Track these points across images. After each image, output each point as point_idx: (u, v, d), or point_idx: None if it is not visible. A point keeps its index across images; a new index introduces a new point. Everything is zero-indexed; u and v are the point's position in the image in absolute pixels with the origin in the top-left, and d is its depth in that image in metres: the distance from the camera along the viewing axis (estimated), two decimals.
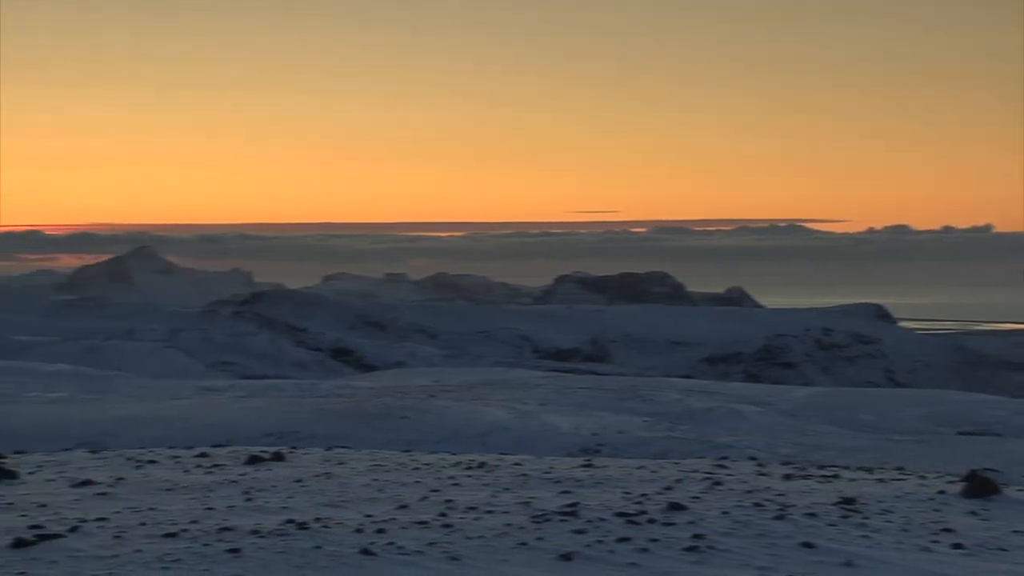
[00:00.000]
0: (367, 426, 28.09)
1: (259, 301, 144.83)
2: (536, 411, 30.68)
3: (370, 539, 7.92)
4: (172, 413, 30.31)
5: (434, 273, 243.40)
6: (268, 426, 28.05)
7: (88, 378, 44.82)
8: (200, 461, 12.15)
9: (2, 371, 43.79)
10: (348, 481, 10.67)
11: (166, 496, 9.64)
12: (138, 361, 78.63)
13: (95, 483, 10.21)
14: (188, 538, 7.80)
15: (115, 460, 12.22)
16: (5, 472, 10.42)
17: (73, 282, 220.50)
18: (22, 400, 32.73)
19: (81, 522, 8.19)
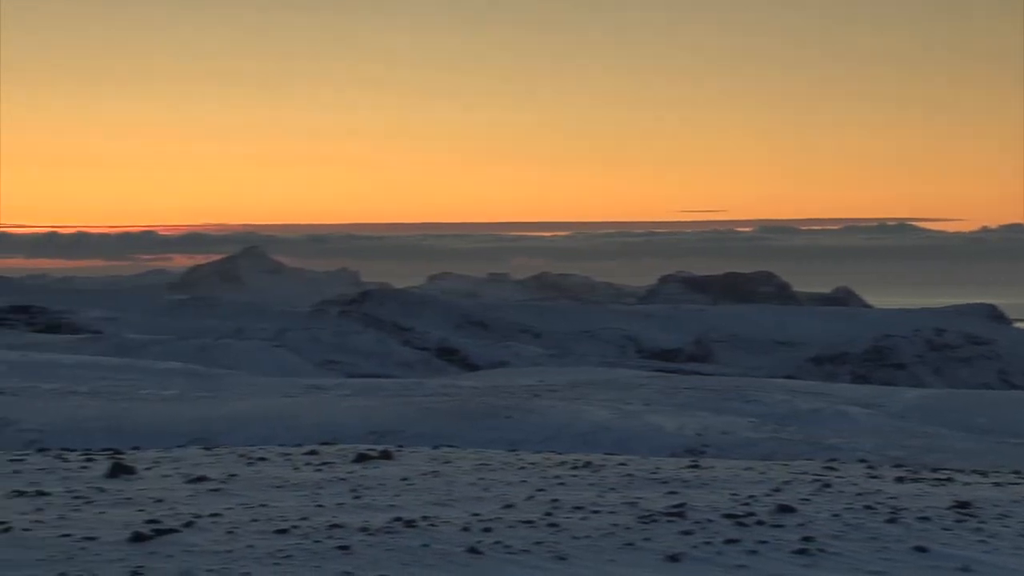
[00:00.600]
0: (471, 425, 28.22)
1: (365, 300, 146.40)
2: (640, 411, 30.55)
3: (477, 537, 7.95)
4: (281, 411, 30.77)
5: (538, 273, 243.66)
6: (374, 424, 28.33)
7: (200, 376, 45.70)
8: (309, 459, 12.32)
9: (118, 369, 44.85)
10: (454, 480, 10.72)
11: (277, 493, 9.78)
12: (247, 360, 79.95)
13: (208, 479, 10.40)
14: (299, 535, 7.91)
15: (227, 457, 12.44)
16: (123, 468, 10.67)
17: (185, 282, 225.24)
18: (137, 397, 33.48)
19: (196, 517, 8.35)
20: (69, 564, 6.96)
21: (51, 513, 8.44)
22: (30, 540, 7.46)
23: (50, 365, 43.76)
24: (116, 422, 28.40)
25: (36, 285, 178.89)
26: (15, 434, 26.02)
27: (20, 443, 23.73)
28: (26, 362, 43.54)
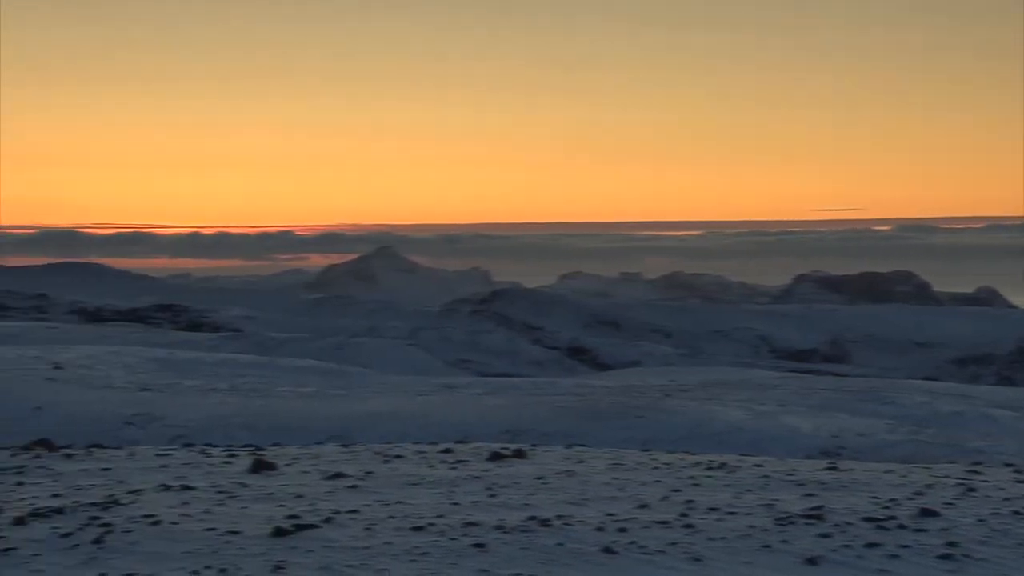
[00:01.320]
0: (603, 425, 28.15)
1: (497, 300, 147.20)
2: (774, 412, 30.12)
3: (612, 537, 7.93)
4: (414, 409, 31.10)
5: (669, 272, 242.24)
6: (506, 423, 28.43)
7: (335, 374, 46.44)
8: (444, 457, 12.42)
9: (257, 367, 45.84)
10: (588, 479, 10.71)
11: (413, 490, 9.89)
12: (381, 358, 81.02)
13: (346, 476, 10.56)
14: (435, 532, 7.98)
15: (364, 454, 12.62)
16: (265, 464, 10.90)
17: (321, 281, 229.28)
18: (275, 395, 34.17)
19: (335, 513, 8.48)
20: (214, 557, 7.13)
21: (197, 507, 8.66)
22: (178, 533, 7.67)
23: (193, 363, 44.93)
24: (255, 419, 29.03)
25: (179, 284, 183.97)
26: (161, 429, 26.79)
27: (166, 438, 24.44)
28: (170, 360, 44.78)
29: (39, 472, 10.55)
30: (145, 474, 10.57)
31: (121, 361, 42.44)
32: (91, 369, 38.54)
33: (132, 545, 7.31)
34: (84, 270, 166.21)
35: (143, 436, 25.20)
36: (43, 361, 38.98)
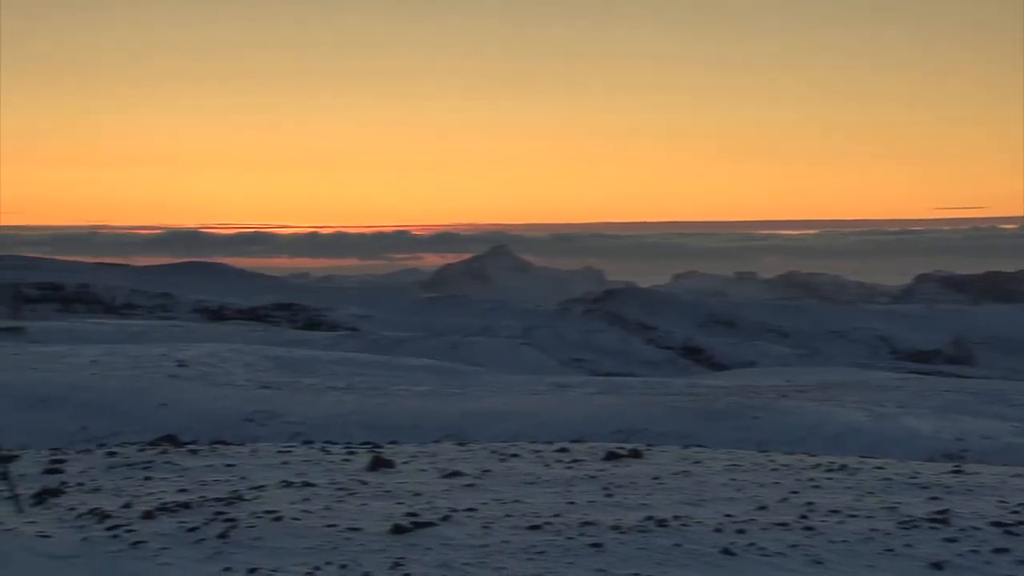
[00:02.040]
0: (718, 425, 27.90)
1: (610, 299, 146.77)
2: (894, 413, 29.53)
3: (730, 539, 7.85)
4: (528, 408, 31.16)
5: (785, 272, 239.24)
6: (619, 423, 28.34)
7: (450, 373, 46.79)
8: (560, 456, 12.42)
9: (373, 365, 46.41)
10: (705, 480, 10.62)
11: (529, 489, 9.90)
12: (495, 357, 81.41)
13: (463, 474, 10.62)
14: (552, 531, 7.98)
15: (480, 453, 12.67)
16: (383, 461, 11.01)
17: (436, 280, 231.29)
18: (391, 393, 34.54)
19: (452, 511, 8.53)
20: (335, 553, 7.23)
21: (317, 504, 8.79)
22: (299, 529, 7.79)
23: (310, 361, 45.65)
24: (372, 417, 29.37)
25: (298, 284, 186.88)
26: (281, 426, 27.26)
27: (286, 435, 24.87)
28: (289, 358, 45.54)
29: (166, 467, 10.81)
30: (267, 470, 10.76)
31: (241, 359, 43.27)
32: (213, 367, 39.37)
33: (255, 540, 7.45)
34: (207, 269, 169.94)
35: (263, 433, 25.68)
36: (168, 359, 39.94)
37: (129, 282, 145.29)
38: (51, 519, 8.00)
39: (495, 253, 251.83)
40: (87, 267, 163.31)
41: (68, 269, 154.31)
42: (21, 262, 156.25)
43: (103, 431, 25.86)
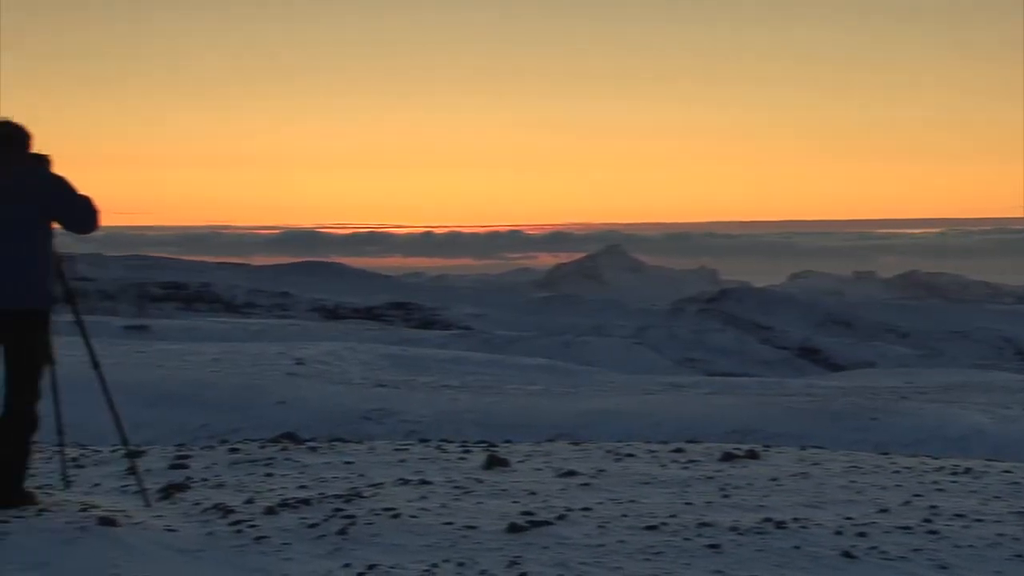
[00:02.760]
0: (835, 426, 27.50)
1: (725, 299, 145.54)
2: (1020, 416, 28.79)
3: (851, 542, 7.73)
4: (642, 408, 31.05)
5: (906, 271, 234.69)
6: (734, 423, 28.09)
7: (562, 372, 46.82)
8: (675, 456, 12.35)
9: (486, 364, 46.66)
10: (824, 482, 10.47)
11: (645, 489, 9.87)
12: (608, 356, 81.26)
13: (578, 474, 10.62)
14: (668, 531, 7.95)
15: (595, 452, 12.66)
16: (498, 460, 11.07)
17: (549, 279, 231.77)
18: (505, 392, 34.70)
19: (567, 511, 8.54)
20: (452, 551, 7.28)
21: (434, 501, 8.86)
22: (417, 526, 7.87)
23: (425, 359, 46.06)
24: (486, 415, 29.54)
25: (412, 283, 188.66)
26: (396, 424, 27.58)
27: (401, 433, 25.15)
28: (404, 356, 46.01)
29: (286, 464, 11.00)
30: (384, 468, 10.89)
31: (358, 357, 43.86)
32: (330, 365, 39.97)
33: (374, 537, 7.54)
34: (324, 269, 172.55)
35: (379, 431, 26.00)
36: (286, 357, 40.65)
37: (249, 281, 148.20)
38: (177, 513, 8.20)
39: (608, 252, 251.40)
40: (209, 266, 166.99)
41: (191, 268, 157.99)
42: (147, 262, 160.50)
43: (224, 427, 26.44)
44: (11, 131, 8.08)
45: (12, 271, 7.89)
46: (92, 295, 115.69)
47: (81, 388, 10.85)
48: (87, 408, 11.64)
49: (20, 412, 8.07)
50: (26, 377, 8.08)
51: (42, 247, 8.08)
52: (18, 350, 8.05)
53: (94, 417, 11.93)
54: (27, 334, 8.05)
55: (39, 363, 8.17)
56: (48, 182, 8.08)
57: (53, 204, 8.06)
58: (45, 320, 8.14)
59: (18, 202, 7.94)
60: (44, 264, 8.09)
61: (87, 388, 9.81)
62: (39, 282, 8.03)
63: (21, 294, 7.95)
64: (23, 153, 8.09)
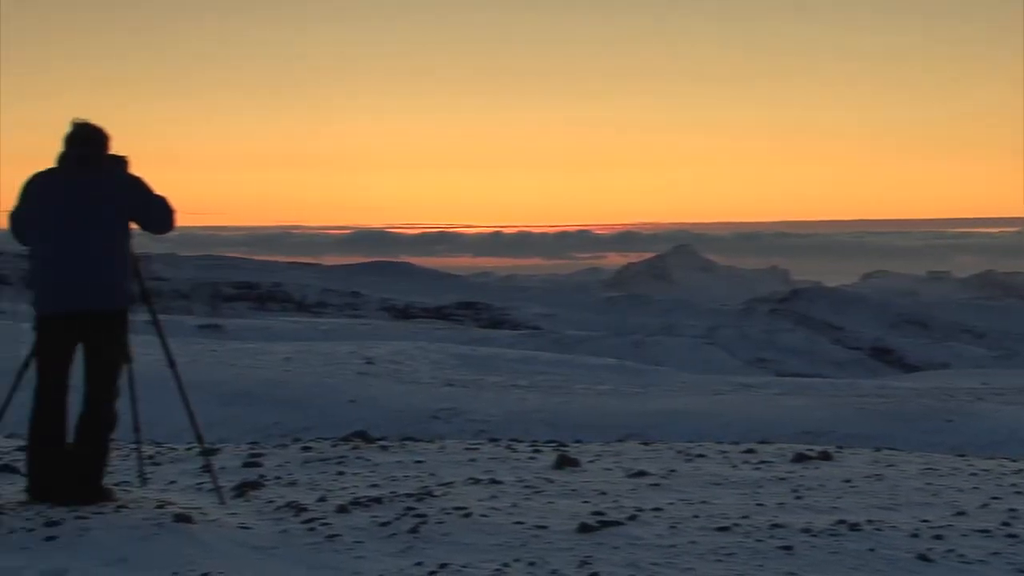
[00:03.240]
0: (909, 428, 27.16)
1: (796, 299, 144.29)
2: None
3: (927, 544, 7.62)
4: (712, 408, 30.88)
5: (982, 271, 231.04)
6: (806, 424, 27.85)
7: (631, 372, 46.67)
8: (747, 457, 12.26)
9: (555, 364, 46.64)
10: (899, 484, 10.33)
11: (716, 490, 9.81)
12: (678, 356, 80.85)
13: (649, 474, 10.58)
14: (740, 533, 7.89)
15: (665, 452, 12.60)
16: (568, 460, 11.06)
17: (618, 279, 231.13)
18: (574, 392, 34.67)
19: (638, 511, 8.51)
20: (523, 551, 7.29)
21: (504, 501, 8.87)
22: (488, 526, 7.88)
23: (493, 359, 46.14)
24: (554, 415, 29.53)
25: (481, 283, 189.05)
26: (465, 423, 27.66)
27: (470, 432, 25.21)
28: (474, 356, 46.14)
29: (358, 463, 11.08)
30: (455, 467, 10.92)
31: (427, 357, 44.03)
32: (400, 364, 40.17)
33: (445, 536, 7.57)
34: (393, 269, 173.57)
35: (448, 430, 26.09)
36: (356, 356, 40.94)
37: (320, 281, 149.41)
38: (251, 511, 8.30)
39: (678, 252, 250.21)
40: (280, 266, 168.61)
41: (263, 268, 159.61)
42: (220, 261, 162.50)
43: (296, 426, 26.68)
44: (90, 132, 8.22)
45: (93, 272, 8.03)
46: (167, 294, 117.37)
47: (156, 386, 11.01)
48: (162, 406, 11.81)
49: (99, 410, 8.20)
50: (105, 375, 8.21)
51: (121, 247, 8.20)
52: (98, 349, 8.18)
53: (169, 415, 12.10)
54: (107, 334, 8.18)
55: (118, 362, 8.31)
56: (126, 183, 8.21)
57: (131, 205, 8.19)
58: (124, 320, 8.27)
59: (98, 203, 8.07)
60: (123, 264, 8.21)
61: (162, 386, 9.96)
62: (119, 283, 8.15)
63: (102, 295, 8.08)
64: (102, 154, 8.23)
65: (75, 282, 8.00)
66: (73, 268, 8.00)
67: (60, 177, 8.17)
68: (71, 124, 8.18)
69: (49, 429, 8.13)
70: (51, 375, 8.17)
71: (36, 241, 8.17)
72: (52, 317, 8.11)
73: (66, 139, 8.22)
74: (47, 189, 8.16)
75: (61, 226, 8.03)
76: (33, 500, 8.06)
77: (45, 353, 8.20)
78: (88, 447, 8.13)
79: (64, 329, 8.13)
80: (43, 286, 8.11)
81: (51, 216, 8.08)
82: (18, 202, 8.28)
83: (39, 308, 8.15)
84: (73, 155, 8.14)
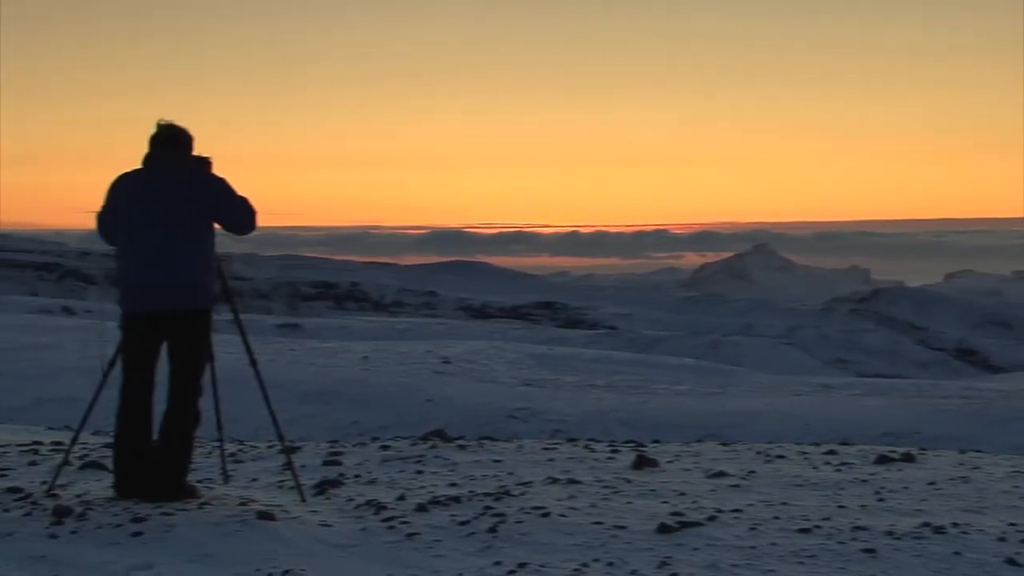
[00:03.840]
0: (994, 430, 26.68)
1: (877, 298, 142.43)
2: None
3: (1015, 549, 7.49)
4: (791, 409, 30.58)
5: None
6: (887, 425, 27.49)
7: (709, 372, 46.33)
8: (828, 458, 12.12)
9: (632, 364, 46.46)
10: (985, 487, 10.15)
11: (797, 491, 9.71)
12: (756, 357, 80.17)
13: (728, 475, 10.50)
14: (822, 535, 7.80)
15: (745, 453, 12.50)
16: (647, 460, 11.02)
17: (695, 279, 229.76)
18: (652, 392, 34.51)
19: (717, 512, 8.45)
20: (602, 551, 7.27)
21: (583, 501, 8.86)
22: (566, 526, 7.88)
23: (570, 359, 46.06)
24: (631, 415, 29.44)
25: (558, 282, 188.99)
26: (542, 423, 27.68)
27: (547, 432, 25.21)
28: (550, 355, 46.10)
29: (436, 462, 11.12)
30: (533, 467, 10.93)
31: (503, 356, 44.10)
32: (476, 363, 40.28)
33: (524, 535, 7.58)
34: (470, 268, 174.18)
35: (525, 429, 26.11)
36: (433, 355, 41.11)
37: (397, 280, 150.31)
38: (331, 509, 8.37)
39: (756, 251, 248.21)
40: (358, 266, 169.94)
41: (341, 268, 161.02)
42: (299, 261, 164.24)
43: (374, 424, 26.88)
44: (175, 133, 8.36)
45: (175, 272, 8.15)
46: (247, 294, 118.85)
47: (238, 384, 11.14)
48: (243, 404, 11.95)
49: (183, 408, 8.32)
50: (189, 374, 8.33)
51: (204, 248, 8.31)
52: (180, 348, 8.32)
53: (250, 413, 12.25)
54: (189, 333, 8.31)
55: (200, 361, 8.43)
56: (209, 184, 8.33)
57: (214, 205, 8.30)
58: (206, 319, 8.39)
59: (181, 203, 8.20)
60: (206, 265, 8.32)
61: (244, 385, 10.09)
62: (201, 283, 8.27)
63: (184, 295, 8.20)
64: (186, 155, 8.35)
65: (158, 283, 8.12)
66: (156, 268, 8.12)
67: (144, 177, 8.30)
68: (156, 125, 8.32)
69: (133, 427, 8.27)
70: (136, 374, 8.31)
71: (122, 241, 8.31)
72: (136, 316, 8.25)
73: (151, 140, 8.35)
74: (132, 189, 8.30)
75: (145, 226, 8.16)
76: (119, 497, 8.20)
77: (130, 352, 8.35)
78: (172, 445, 8.26)
79: (148, 328, 8.26)
80: (127, 286, 8.24)
81: (135, 216, 8.21)
82: (104, 202, 8.43)
83: (123, 307, 8.29)
84: (157, 156, 8.28)
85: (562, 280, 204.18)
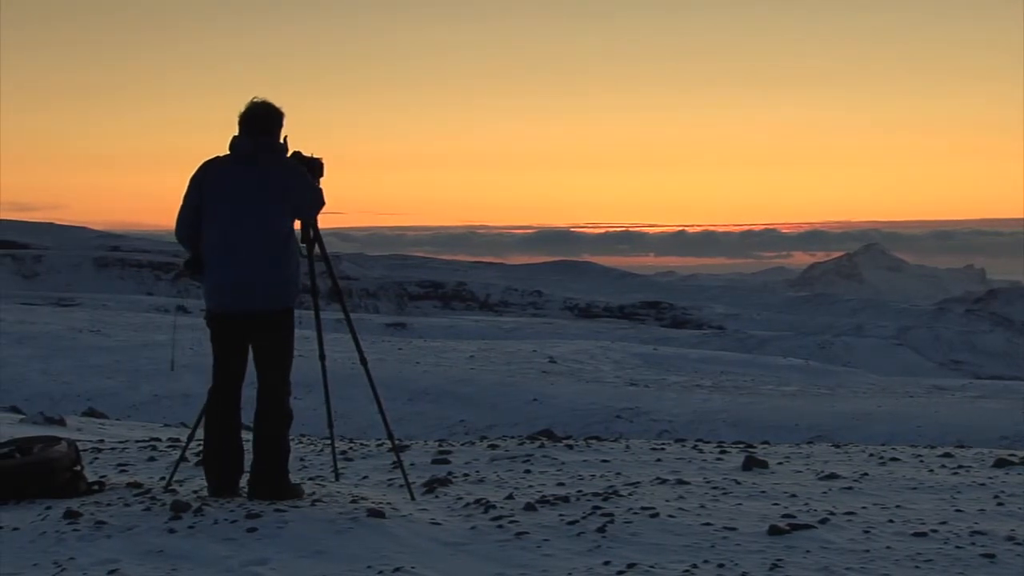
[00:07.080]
0: None
1: (994, 299, 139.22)
2: None
3: None
4: (903, 411, 30.04)
5: None
6: (1005, 428, 26.84)
7: (819, 373, 45.73)
8: (944, 461, 11.86)
9: (739, 364, 46.04)
10: None
11: (912, 495, 9.51)
12: (867, 357, 78.83)
13: (840, 477, 10.33)
14: (938, 539, 7.63)
15: (857, 455, 12.29)
16: (756, 461, 10.90)
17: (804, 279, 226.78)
18: (760, 392, 34.17)
19: (830, 514, 8.32)
20: (711, 552, 7.21)
21: (692, 502, 8.79)
22: (675, 526, 7.82)
23: (676, 359, 45.82)
24: (739, 416, 29.17)
25: (665, 282, 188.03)
26: (648, 423, 27.59)
27: (653, 432, 25.12)
28: (656, 356, 45.91)
29: (544, 461, 11.13)
30: (641, 467, 10.88)
31: (609, 356, 44.01)
32: (582, 363, 40.25)
33: (633, 536, 7.54)
34: (576, 268, 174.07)
35: (630, 429, 26.03)
36: (539, 355, 41.19)
37: (503, 280, 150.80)
38: (440, 507, 8.42)
39: (867, 251, 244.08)
40: (464, 265, 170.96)
41: (447, 268, 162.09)
42: (406, 261, 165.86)
43: (480, 423, 27.03)
44: (262, 114, 7.88)
45: (258, 272, 7.85)
46: (355, 293, 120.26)
47: (347, 383, 11.27)
48: (352, 402, 12.10)
49: (273, 408, 8.11)
50: (278, 374, 8.09)
51: (287, 243, 7.97)
52: (265, 347, 8.08)
53: (359, 411, 12.40)
54: (272, 332, 8.04)
55: (289, 359, 8.17)
56: (293, 171, 7.89)
57: (296, 194, 7.93)
58: (289, 318, 8.08)
59: (265, 197, 7.80)
60: (288, 263, 7.97)
61: (352, 383, 10.20)
62: (283, 282, 7.95)
63: (266, 295, 7.91)
64: (275, 141, 7.90)
65: (240, 282, 7.84)
66: (238, 268, 7.82)
67: (232, 169, 7.76)
68: (248, 104, 7.87)
69: (220, 426, 8.12)
70: (223, 371, 8.14)
71: (209, 237, 7.77)
72: (223, 316, 7.99)
73: (240, 119, 7.81)
74: (219, 184, 7.74)
75: (227, 222, 7.69)
76: (212, 496, 8.11)
77: (217, 350, 8.14)
78: (270, 444, 8.09)
79: (232, 327, 7.90)
80: (211, 284, 7.83)
81: (222, 212, 7.72)
82: (186, 197, 7.79)
83: (208, 305, 8.01)
84: (244, 145, 7.81)
85: (668, 280, 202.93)
